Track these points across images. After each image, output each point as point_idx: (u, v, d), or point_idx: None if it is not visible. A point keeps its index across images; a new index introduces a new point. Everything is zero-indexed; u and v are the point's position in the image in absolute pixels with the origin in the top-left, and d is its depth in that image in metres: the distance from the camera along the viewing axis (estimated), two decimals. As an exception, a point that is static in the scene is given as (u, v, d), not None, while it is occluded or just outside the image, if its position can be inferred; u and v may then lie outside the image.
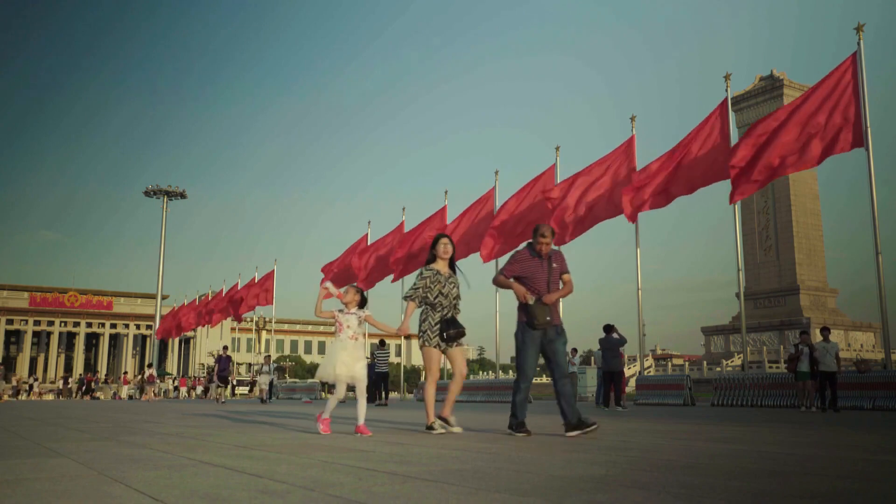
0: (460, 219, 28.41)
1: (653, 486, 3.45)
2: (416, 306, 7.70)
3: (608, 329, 18.44)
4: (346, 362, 7.09)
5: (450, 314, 7.58)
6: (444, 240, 7.83)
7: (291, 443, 6.25)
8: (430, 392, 7.75)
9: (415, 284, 7.67)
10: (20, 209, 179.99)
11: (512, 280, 7.23)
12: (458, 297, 7.69)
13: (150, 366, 47.84)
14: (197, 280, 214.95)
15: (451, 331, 7.45)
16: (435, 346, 7.50)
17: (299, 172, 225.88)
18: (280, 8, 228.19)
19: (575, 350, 24.89)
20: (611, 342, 18.38)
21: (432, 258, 7.78)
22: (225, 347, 29.38)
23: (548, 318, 7.03)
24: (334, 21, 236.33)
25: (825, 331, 16.42)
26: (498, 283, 7.43)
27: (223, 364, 27.96)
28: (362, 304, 7.40)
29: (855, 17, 67.36)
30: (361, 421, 7.09)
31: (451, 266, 7.85)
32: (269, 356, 31.98)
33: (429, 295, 7.55)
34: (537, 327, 7.03)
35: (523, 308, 7.12)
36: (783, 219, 56.77)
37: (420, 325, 7.61)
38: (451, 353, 7.62)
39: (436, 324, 7.50)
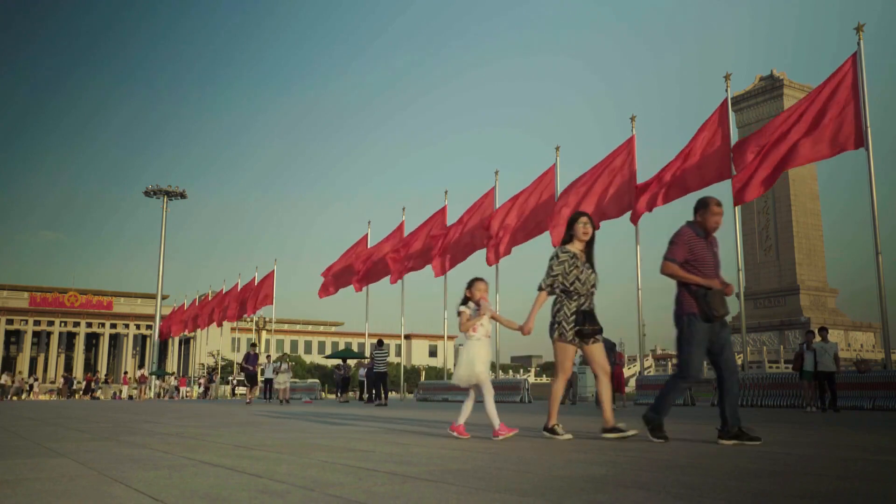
0: (464, 219, 28.44)
1: (653, 486, 3.45)
2: (550, 295, 6.69)
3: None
4: (485, 361, 6.58)
5: (587, 304, 6.59)
6: (584, 219, 6.76)
7: (291, 443, 6.25)
8: (559, 390, 6.76)
9: (550, 270, 6.62)
10: (20, 209, 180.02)
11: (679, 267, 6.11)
12: (595, 286, 6.69)
13: (140, 367, 48.98)
14: (197, 280, 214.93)
15: (587, 327, 6.51)
16: (570, 342, 6.55)
17: (299, 172, 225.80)
18: (280, 8, 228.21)
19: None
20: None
21: (569, 238, 6.75)
22: (253, 345, 27.37)
23: (726, 310, 6.04)
24: (334, 21, 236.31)
25: (823, 331, 16.42)
26: (671, 272, 6.15)
27: (252, 362, 25.93)
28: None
29: (855, 17, 67.31)
30: (498, 423, 6.42)
31: (590, 249, 6.80)
32: (284, 355, 31.03)
33: (565, 281, 6.58)
34: (715, 319, 5.97)
35: (696, 296, 6.02)
36: (783, 219, 56.79)
37: (554, 315, 6.65)
38: (589, 349, 6.64)
39: (571, 315, 6.52)
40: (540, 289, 6.71)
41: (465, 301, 6.73)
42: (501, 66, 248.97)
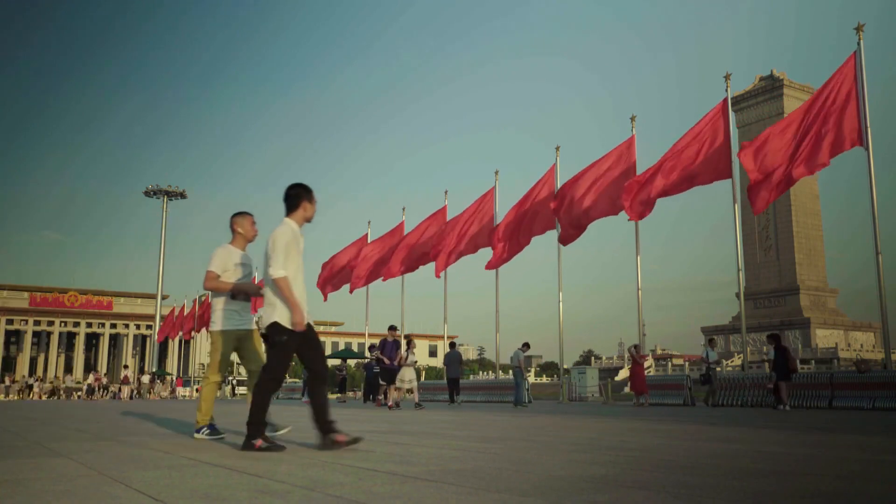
0: (464, 218, 28.41)
1: (653, 486, 3.45)
2: None
3: (452, 345, 23.49)
4: None
5: None
6: None
7: (291, 443, 6.25)
8: None
9: None
10: (21, 209, 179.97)
11: None
12: None
13: (125, 367, 50.27)
14: (197, 280, 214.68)
15: None
16: None
17: (300, 173, 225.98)
18: (280, 8, 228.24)
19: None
20: (453, 355, 22.97)
21: None
22: (393, 327, 19.38)
23: None
24: (334, 22, 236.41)
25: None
26: None
27: (390, 351, 18.51)
28: None
29: (855, 17, 67.34)
30: None
31: None
32: (410, 338, 19.05)
33: None
34: None
35: None
36: (783, 219, 56.74)
37: None
38: None
39: None
40: None
41: None
42: (501, 67, 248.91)
